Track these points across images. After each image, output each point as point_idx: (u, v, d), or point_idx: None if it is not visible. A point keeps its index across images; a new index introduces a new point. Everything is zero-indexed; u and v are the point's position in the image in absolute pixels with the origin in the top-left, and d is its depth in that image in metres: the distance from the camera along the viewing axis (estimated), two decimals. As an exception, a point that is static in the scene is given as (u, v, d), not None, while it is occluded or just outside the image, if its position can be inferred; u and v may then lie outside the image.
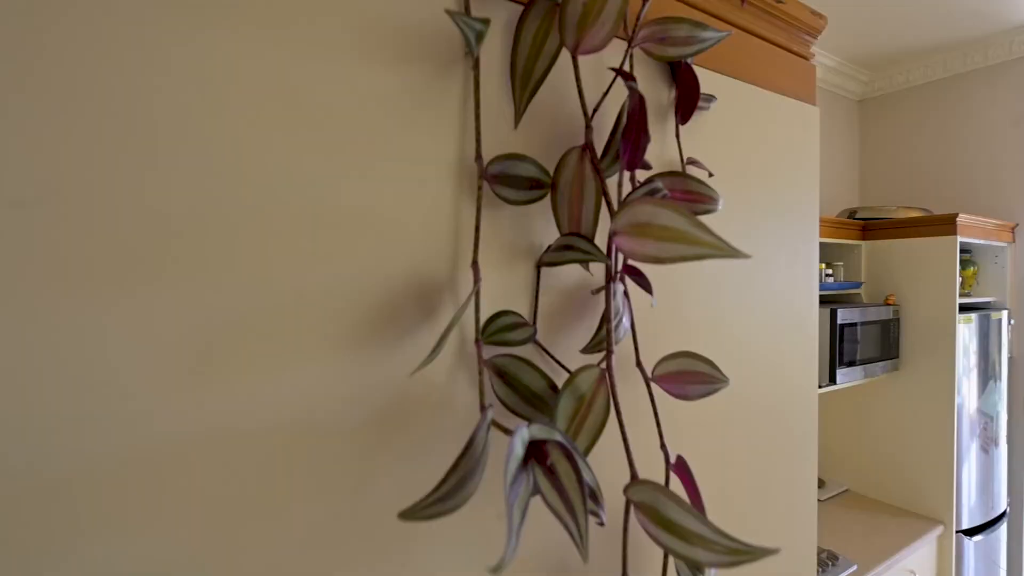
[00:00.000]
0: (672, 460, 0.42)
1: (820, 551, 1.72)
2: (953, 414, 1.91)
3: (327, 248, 0.30)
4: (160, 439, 0.25)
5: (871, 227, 2.12)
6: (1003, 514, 2.12)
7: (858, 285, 2.10)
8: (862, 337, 1.91)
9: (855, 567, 1.65)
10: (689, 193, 0.38)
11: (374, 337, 0.31)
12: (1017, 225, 2.16)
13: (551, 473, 0.27)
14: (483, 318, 0.34)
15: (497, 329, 0.35)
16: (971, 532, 1.97)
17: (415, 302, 0.33)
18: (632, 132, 0.32)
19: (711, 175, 0.46)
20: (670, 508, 0.29)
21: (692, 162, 0.43)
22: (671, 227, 0.28)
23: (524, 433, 0.26)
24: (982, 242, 2.04)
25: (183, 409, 0.25)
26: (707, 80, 0.47)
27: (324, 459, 0.29)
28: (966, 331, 1.94)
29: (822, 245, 2.20)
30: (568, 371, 0.38)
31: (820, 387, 1.87)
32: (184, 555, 0.25)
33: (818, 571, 1.63)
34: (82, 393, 0.23)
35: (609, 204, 0.35)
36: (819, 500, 2.15)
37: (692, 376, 0.38)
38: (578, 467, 0.26)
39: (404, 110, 0.32)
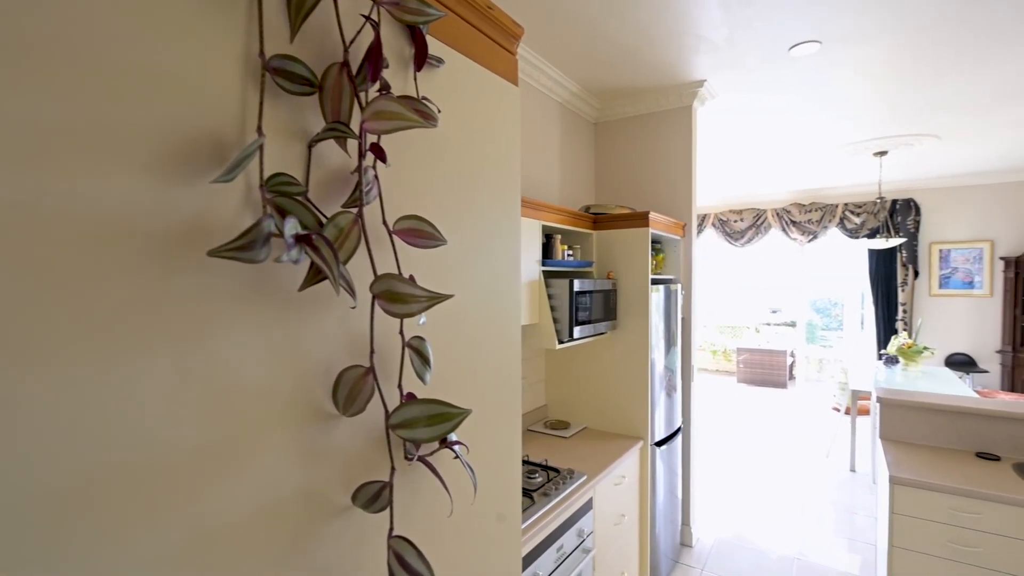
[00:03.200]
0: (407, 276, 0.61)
1: (562, 469, 2.19)
2: (647, 366, 2.62)
3: (151, 96, 0.39)
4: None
5: (599, 220, 2.75)
6: (677, 430, 3.00)
7: (590, 264, 2.69)
8: (592, 303, 2.48)
9: (585, 476, 2.16)
10: (417, 112, 0.57)
11: (179, 169, 0.42)
12: (685, 224, 3.05)
13: (316, 249, 0.42)
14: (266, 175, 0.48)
15: (277, 183, 0.48)
16: (659, 444, 2.74)
17: (210, 151, 0.44)
18: (374, 54, 0.50)
19: (439, 111, 0.67)
20: (397, 285, 0.48)
21: (425, 99, 0.62)
22: (396, 111, 0.47)
23: (295, 219, 0.41)
24: (666, 235, 2.84)
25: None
26: (442, 49, 0.68)
27: (142, 249, 0.39)
28: (656, 297, 2.69)
29: (567, 231, 2.76)
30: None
31: (562, 342, 2.36)
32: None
33: (560, 483, 2.07)
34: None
35: (360, 105, 0.51)
36: (565, 437, 2.69)
37: (421, 232, 0.57)
38: (333, 246, 0.42)
39: (206, 9, 0.43)
